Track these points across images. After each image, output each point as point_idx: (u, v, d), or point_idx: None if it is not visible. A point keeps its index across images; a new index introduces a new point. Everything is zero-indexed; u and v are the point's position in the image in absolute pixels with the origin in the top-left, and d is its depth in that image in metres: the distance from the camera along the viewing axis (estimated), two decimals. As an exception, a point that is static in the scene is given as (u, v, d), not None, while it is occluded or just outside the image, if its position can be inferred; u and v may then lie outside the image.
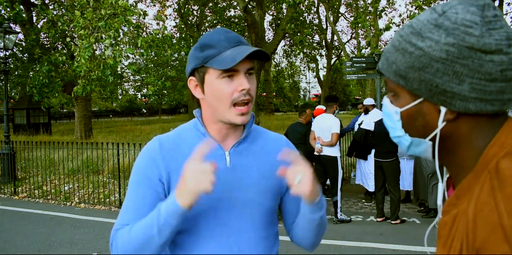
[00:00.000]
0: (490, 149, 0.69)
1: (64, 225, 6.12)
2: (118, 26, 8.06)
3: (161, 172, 1.19)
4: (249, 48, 1.14)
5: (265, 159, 1.27)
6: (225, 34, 1.18)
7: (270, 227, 1.26)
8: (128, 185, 1.24)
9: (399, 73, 0.74)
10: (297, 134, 6.24)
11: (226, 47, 1.14)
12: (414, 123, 0.76)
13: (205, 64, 1.16)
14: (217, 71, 1.14)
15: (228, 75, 1.14)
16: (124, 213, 1.21)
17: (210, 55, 1.15)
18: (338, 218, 6.01)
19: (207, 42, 1.17)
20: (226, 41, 1.15)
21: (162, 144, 1.23)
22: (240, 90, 1.14)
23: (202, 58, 1.16)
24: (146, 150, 1.25)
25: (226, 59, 1.12)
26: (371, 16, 15.22)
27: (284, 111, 38.61)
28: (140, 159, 1.24)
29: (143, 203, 1.18)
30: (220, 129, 1.23)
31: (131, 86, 29.66)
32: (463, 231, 0.66)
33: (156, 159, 1.20)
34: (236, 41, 1.16)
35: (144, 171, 1.21)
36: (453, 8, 0.70)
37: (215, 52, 1.14)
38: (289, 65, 34.76)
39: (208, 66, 1.16)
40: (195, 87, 1.22)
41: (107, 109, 42.21)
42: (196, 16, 20.74)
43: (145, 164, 1.21)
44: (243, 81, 1.15)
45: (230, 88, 1.15)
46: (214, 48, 1.15)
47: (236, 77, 1.15)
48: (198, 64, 1.17)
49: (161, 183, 1.19)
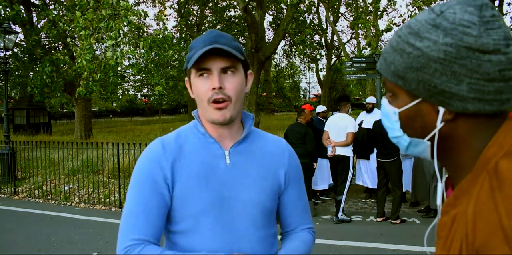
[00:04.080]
0: (489, 149, 0.69)
1: (64, 225, 6.12)
2: (119, 27, 8.06)
3: (166, 174, 1.19)
4: (215, 46, 1.15)
5: (264, 159, 1.27)
6: (208, 35, 1.21)
7: (269, 227, 1.27)
8: (131, 187, 1.23)
9: (397, 73, 0.74)
10: (297, 134, 6.24)
11: (199, 47, 1.17)
12: (413, 123, 0.76)
13: (188, 65, 1.21)
14: (194, 70, 1.20)
15: (201, 74, 1.18)
16: (134, 218, 1.18)
17: (190, 56, 1.20)
18: (338, 218, 6.01)
19: (192, 44, 1.22)
20: (202, 42, 1.19)
21: (164, 145, 1.23)
22: (212, 88, 1.17)
23: (187, 60, 1.22)
24: (149, 151, 1.24)
25: (192, 58, 1.17)
26: (371, 16, 15.21)
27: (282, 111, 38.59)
28: (143, 160, 1.23)
29: (150, 206, 1.17)
30: (215, 129, 1.25)
31: (131, 86, 29.64)
32: (463, 231, 0.66)
33: (160, 161, 1.20)
34: (210, 41, 1.17)
35: (148, 173, 1.20)
36: (451, 8, 0.70)
37: (193, 53, 1.19)
38: (289, 65, 34.75)
39: (188, 67, 1.21)
40: (190, 88, 1.27)
41: (107, 109, 42.18)
42: (196, 16, 20.72)
43: (149, 166, 1.21)
44: (213, 79, 1.17)
45: (205, 87, 1.18)
46: (193, 49, 1.20)
47: (210, 76, 1.18)
48: (186, 65, 1.23)
49: (166, 185, 1.19)
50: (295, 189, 1.32)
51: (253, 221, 1.21)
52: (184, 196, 1.18)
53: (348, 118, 6.14)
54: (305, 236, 1.34)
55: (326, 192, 7.68)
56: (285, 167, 1.30)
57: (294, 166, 1.33)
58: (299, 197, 1.34)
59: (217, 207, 1.18)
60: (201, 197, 1.18)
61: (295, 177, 1.32)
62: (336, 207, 6.13)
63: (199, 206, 1.18)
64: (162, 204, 1.18)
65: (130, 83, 27.73)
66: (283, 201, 1.31)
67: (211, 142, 1.24)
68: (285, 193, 1.30)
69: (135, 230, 1.16)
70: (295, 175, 1.33)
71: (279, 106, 39.11)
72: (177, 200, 1.19)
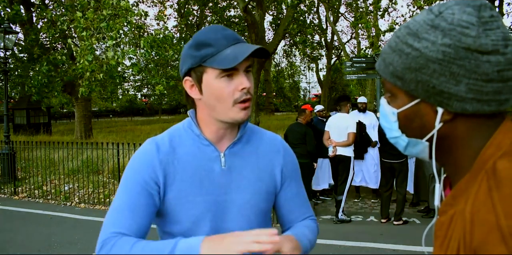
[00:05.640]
0: (487, 149, 0.69)
1: (64, 225, 6.12)
2: (119, 27, 8.06)
3: (158, 175, 1.16)
4: (249, 46, 1.11)
5: (260, 160, 1.25)
6: (222, 32, 1.13)
7: (264, 226, 1.26)
8: (120, 185, 1.19)
9: (396, 74, 0.74)
10: (297, 134, 6.24)
11: (224, 45, 1.10)
12: (411, 124, 0.77)
13: (203, 63, 1.12)
14: (216, 70, 1.10)
15: (228, 74, 1.11)
16: (118, 214, 1.14)
17: (209, 54, 1.10)
18: (338, 218, 6.01)
19: (204, 40, 1.12)
20: (224, 39, 1.11)
21: (158, 147, 1.19)
22: (241, 89, 1.12)
23: (200, 57, 1.11)
24: (143, 152, 1.20)
25: (227, 58, 1.08)
26: (371, 17, 15.21)
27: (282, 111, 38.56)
28: (136, 161, 1.20)
29: (137, 205, 1.14)
30: (217, 130, 1.20)
31: (131, 86, 29.64)
32: (460, 231, 0.66)
33: (153, 163, 1.17)
34: (234, 39, 1.12)
35: (139, 173, 1.17)
36: (449, 8, 0.70)
37: (214, 51, 1.10)
38: (289, 65, 34.73)
39: (206, 66, 1.11)
40: (191, 87, 1.18)
41: (107, 109, 42.18)
42: (196, 16, 20.71)
43: (142, 167, 1.18)
44: (243, 80, 1.12)
45: (231, 87, 1.11)
46: (212, 47, 1.10)
47: (235, 76, 1.12)
48: (195, 63, 1.13)
49: (157, 186, 1.16)
50: (292, 185, 1.30)
51: (248, 223, 1.20)
52: (178, 200, 1.16)
53: (350, 118, 6.14)
54: (307, 222, 1.32)
55: (326, 192, 7.68)
56: (280, 165, 1.28)
57: (290, 163, 1.31)
58: (297, 192, 1.32)
59: (212, 211, 1.17)
60: (196, 201, 1.16)
61: (291, 174, 1.30)
62: (336, 207, 6.13)
63: (194, 211, 1.16)
64: (150, 203, 1.14)
65: (130, 83, 27.73)
66: (281, 199, 1.30)
67: (206, 144, 1.20)
68: (282, 190, 1.29)
69: (117, 225, 1.12)
70: (292, 171, 1.30)
71: (280, 106, 39.08)
72: (171, 204, 1.17)
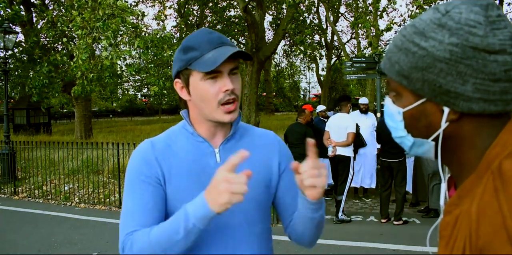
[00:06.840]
0: (492, 149, 0.69)
1: (64, 225, 6.12)
2: (115, 27, 8.05)
3: (156, 171, 1.20)
4: (230, 49, 1.15)
5: (255, 154, 1.26)
6: (208, 35, 1.19)
7: (263, 221, 1.28)
8: (125, 188, 1.23)
9: (402, 73, 0.74)
10: (297, 134, 6.24)
11: (208, 49, 1.16)
12: (417, 123, 0.76)
13: (188, 66, 1.18)
14: (201, 73, 1.16)
15: (212, 76, 1.16)
16: (130, 216, 1.17)
17: (193, 57, 1.16)
18: (338, 218, 6.01)
19: (190, 44, 1.18)
20: (208, 42, 1.17)
21: (154, 145, 1.25)
22: (224, 90, 1.17)
23: (186, 61, 1.18)
24: (138, 151, 1.26)
25: (208, 61, 1.14)
26: (371, 16, 15.21)
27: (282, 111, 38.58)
28: (134, 160, 1.24)
29: (145, 201, 1.17)
30: (209, 128, 1.26)
31: (131, 86, 29.63)
32: (466, 231, 0.66)
33: (149, 159, 1.21)
34: (218, 42, 1.18)
35: (140, 170, 1.21)
36: (456, 7, 0.70)
37: (198, 54, 1.16)
38: (289, 65, 34.76)
39: (191, 69, 1.18)
40: (181, 89, 1.25)
41: (107, 109, 42.20)
42: (196, 16, 20.72)
43: (140, 164, 1.22)
44: (226, 82, 1.17)
45: (215, 89, 1.17)
46: (197, 50, 1.17)
47: (219, 78, 1.17)
48: (182, 66, 1.20)
49: (158, 180, 1.20)
50: (291, 175, 1.28)
51: (246, 217, 1.22)
52: (177, 195, 1.19)
53: (350, 118, 6.14)
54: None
55: (326, 192, 7.68)
56: (276, 157, 1.31)
57: (285, 155, 1.34)
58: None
59: None
60: (195, 195, 1.15)
61: (288, 165, 1.29)
62: (336, 207, 6.13)
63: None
64: (157, 194, 1.18)
65: (130, 83, 27.70)
66: (281, 189, 1.31)
67: (200, 141, 1.25)
68: (281, 180, 1.31)
69: (130, 226, 1.16)
70: (288, 163, 1.30)
71: (280, 106, 39.08)
72: (171, 199, 1.20)
